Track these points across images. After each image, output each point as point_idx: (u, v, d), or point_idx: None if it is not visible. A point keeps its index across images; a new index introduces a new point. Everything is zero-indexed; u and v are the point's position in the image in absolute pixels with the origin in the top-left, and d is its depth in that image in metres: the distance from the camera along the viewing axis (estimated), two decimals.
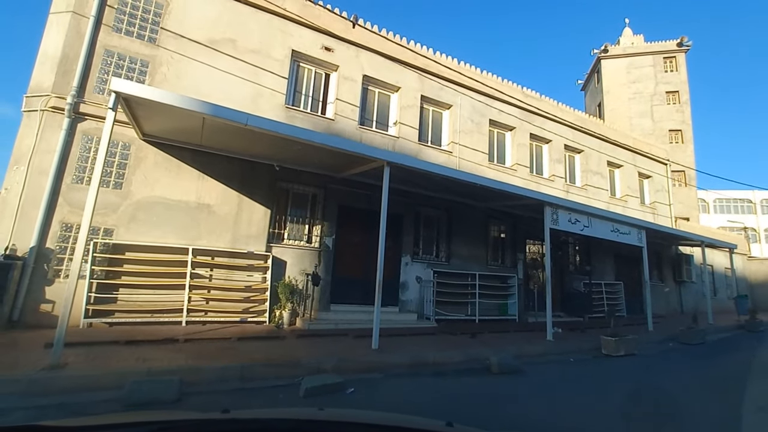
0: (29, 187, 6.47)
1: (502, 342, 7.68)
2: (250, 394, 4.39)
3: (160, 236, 7.17)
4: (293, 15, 9.14)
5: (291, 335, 6.92)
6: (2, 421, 3.32)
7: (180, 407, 3.78)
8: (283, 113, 8.85)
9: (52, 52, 6.97)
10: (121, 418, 1.34)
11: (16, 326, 5.99)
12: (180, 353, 5.27)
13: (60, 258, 6.52)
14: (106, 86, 7.22)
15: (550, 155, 13.66)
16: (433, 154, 10.89)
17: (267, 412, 1.61)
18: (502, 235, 12.26)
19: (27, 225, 6.34)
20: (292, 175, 8.61)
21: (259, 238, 8.08)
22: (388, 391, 4.85)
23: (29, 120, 6.71)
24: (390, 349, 6.33)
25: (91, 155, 6.94)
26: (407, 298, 9.59)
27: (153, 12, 7.82)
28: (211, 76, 8.16)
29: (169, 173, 7.48)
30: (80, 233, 4.62)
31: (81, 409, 3.63)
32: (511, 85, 13.05)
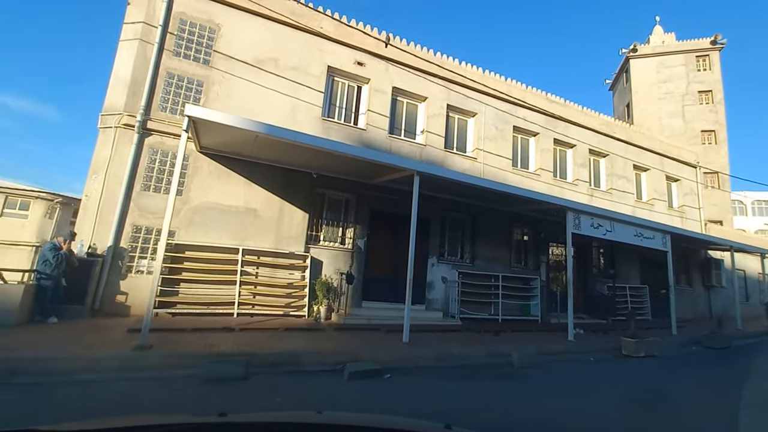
0: (106, 194, 7.47)
1: (523, 340, 8.13)
2: (302, 377, 5.11)
3: (214, 237, 8.06)
4: (329, 34, 9.88)
5: (329, 328, 7.65)
6: (112, 389, 4.16)
7: (247, 384, 4.53)
8: (320, 125, 9.60)
9: (123, 75, 7.97)
10: (118, 422, 1.31)
11: (97, 314, 6.99)
12: (239, 340, 6.07)
13: (131, 256, 7.50)
14: (168, 104, 8.19)
15: (575, 160, 13.87)
16: (459, 161, 11.40)
17: (264, 415, 1.56)
18: (525, 238, 12.62)
19: (104, 227, 7.35)
20: (328, 182, 9.34)
21: (298, 240, 8.86)
22: (419, 379, 5.46)
23: (105, 135, 7.73)
24: (419, 343, 6.93)
25: (156, 166, 7.90)
26: (433, 297, 10.17)
27: (207, 36, 8.74)
28: (256, 92, 9.00)
29: (220, 181, 8.36)
30: (161, 237, 5.46)
31: (171, 383, 4.44)
32: (535, 92, 13.36)
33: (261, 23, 9.28)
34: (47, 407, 3.56)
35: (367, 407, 4.22)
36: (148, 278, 7.49)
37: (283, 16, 9.35)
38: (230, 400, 4.03)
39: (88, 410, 3.54)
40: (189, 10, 8.65)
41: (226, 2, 8.90)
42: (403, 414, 3.86)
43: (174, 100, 8.25)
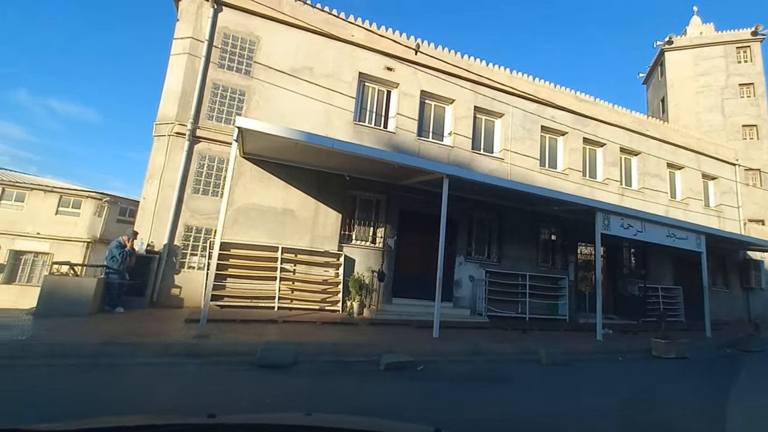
0: (161, 197, 8.21)
1: (551, 339, 8.31)
2: (343, 366, 5.57)
3: (255, 236, 8.68)
4: (360, 42, 10.30)
5: (362, 323, 8.12)
6: (184, 372, 4.75)
7: (296, 370, 5.03)
8: (352, 129, 10.06)
9: (174, 88, 8.69)
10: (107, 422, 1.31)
11: (155, 305, 7.74)
12: (282, 331, 6.63)
13: (184, 253, 8.22)
14: (214, 113, 8.86)
15: (605, 159, 13.73)
16: (486, 162, 11.60)
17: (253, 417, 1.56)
18: (553, 238, 12.66)
19: (160, 227, 8.09)
20: (360, 184, 9.79)
21: (332, 239, 9.37)
22: (449, 371, 5.82)
23: (159, 143, 8.48)
24: (448, 339, 7.27)
25: (204, 170, 8.59)
26: (461, 294, 10.46)
27: (248, 48, 9.35)
28: (293, 99, 9.55)
29: (261, 184, 8.97)
30: (215, 240, 6.04)
31: (230, 367, 4.98)
32: (564, 91, 13.32)
33: (296, 34, 9.81)
34: (139, 385, 4.18)
35: (404, 394, 4.62)
36: (199, 273, 8.21)
37: (317, 26, 9.85)
38: (284, 384, 4.53)
39: (171, 388, 4.13)
40: (232, 25, 9.28)
41: (264, 16, 9.47)
42: (437, 401, 4.27)
43: (219, 109, 8.91)
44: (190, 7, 9.01)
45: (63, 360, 4.52)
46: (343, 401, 4.22)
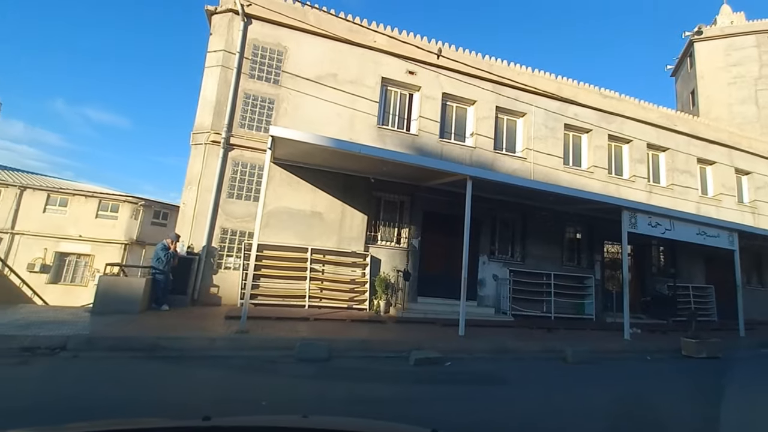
0: (199, 201, 8.73)
1: (577, 338, 8.35)
2: (374, 361, 5.86)
3: (286, 238, 9.09)
4: (382, 47, 10.57)
5: (389, 321, 8.39)
6: (231, 363, 5.14)
7: (331, 364, 5.35)
8: (375, 132, 10.35)
9: (209, 98, 9.20)
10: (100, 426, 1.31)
11: (196, 303, 8.26)
12: (314, 328, 6.98)
13: (220, 254, 8.71)
14: (246, 121, 9.33)
15: (631, 155, 13.51)
16: (508, 161, 11.66)
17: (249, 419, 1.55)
18: (578, 237, 12.58)
19: (199, 230, 8.61)
20: (384, 186, 10.05)
21: (358, 240, 9.69)
22: (476, 367, 6.01)
23: (196, 151, 9.01)
24: (474, 337, 7.45)
25: (238, 176, 9.08)
26: (485, 293, 10.59)
27: (276, 58, 9.78)
28: (319, 105, 9.91)
29: (290, 188, 9.38)
30: (253, 243, 6.45)
31: (272, 360, 5.35)
32: (588, 88, 13.19)
33: (321, 43, 10.17)
34: (193, 375, 4.59)
35: (434, 388, 4.87)
36: (234, 273, 8.69)
37: (341, 34, 10.19)
38: (322, 375, 4.86)
39: (222, 377, 4.53)
40: (261, 36, 9.73)
41: (291, 26, 9.88)
42: (465, 397, 4.48)
43: (251, 117, 9.38)
44: (222, 21, 9.51)
45: (124, 353, 5.00)
46: (380, 393, 4.50)
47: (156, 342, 5.33)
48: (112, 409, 3.30)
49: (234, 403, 3.73)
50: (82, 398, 3.59)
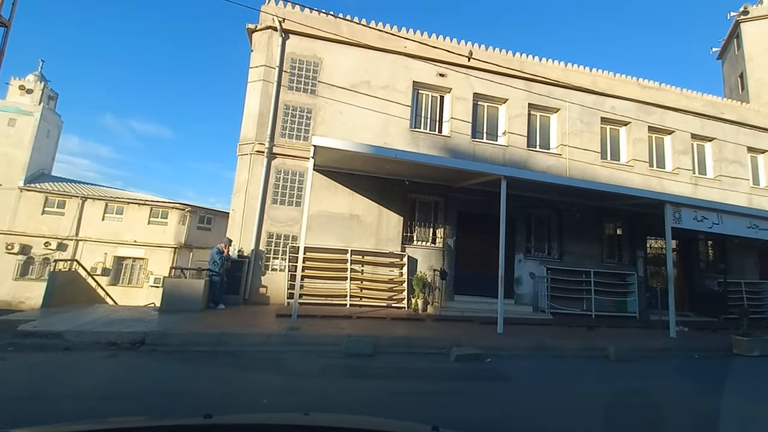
0: (247, 208, 9.38)
1: (619, 336, 8.25)
2: (417, 356, 6.16)
3: (326, 240, 9.57)
4: (413, 52, 10.83)
5: (428, 319, 8.66)
6: (286, 357, 5.62)
7: (376, 359, 5.71)
8: (408, 135, 10.63)
9: (253, 111, 9.84)
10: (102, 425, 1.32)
11: (247, 302, 8.90)
12: (357, 326, 7.37)
13: (267, 257, 9.32)
14: (287, 131, 9.90)
15: (674, 147, 12.99)
16: (542, 159, 11.59)
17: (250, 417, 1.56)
18: (619, 233, 12.28)
19: (247, 234, 9.26)
20: (419, 187, 10.32)
21: (395, 241, 10.02)
22: (516, 364, 6.16)
23: (242, 161, 9.66)
24: (512, 334, 7.58)
25: (281, 183, 9.66)
26: (521, 292, 10.61)
27: (312, 70, 10.29)
28: (353, 112, 10.32)
29: (329, 192, 9.85)
30: (299, 247, 6.94)
31: (322, 355, 5.78)
32: (625, 79, 12.81)
33: (354, 52, 10.58)
34: (256, 367, 5.10)
35: (476, 384, 5.10)
36: (280, 275, 9.27)
37: (372, 43, 10.55)
38: (369, 369, 5.23)
39: (282, 369, 5.00)
40: (298, 50, 10.27)
41: (326, 38, 10.34)
42: (508, 389, 4.68)
43: (291, 127, 9.94)
44: (261, 38, 10.13)
45: (194, 347, 5.59)
46: (425, 387, 4.81)
47: (219, 338, 5.90)
48: (202, 395, 3.83)
49: (294, 395, 4.16)
50: (175, 386, 4.16)
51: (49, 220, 20.29)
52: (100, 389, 4.06)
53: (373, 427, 1.47)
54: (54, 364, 4.77)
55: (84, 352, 5.18)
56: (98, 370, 4.69)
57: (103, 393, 3.94)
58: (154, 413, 3.29)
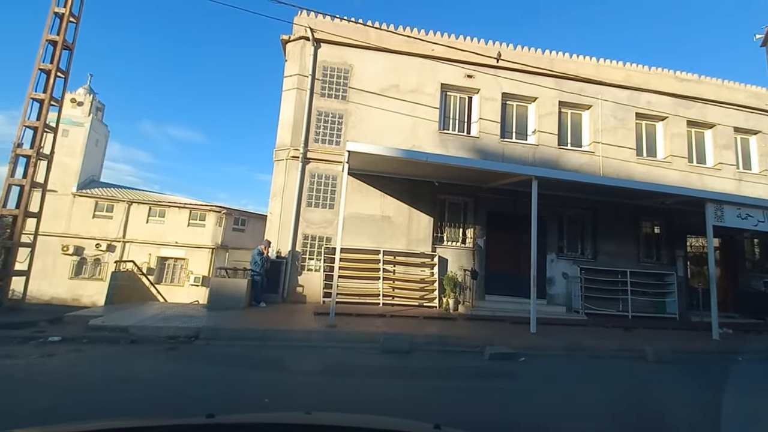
0: (283, 211, 9.85)
1: (658, 337, 8.08)
2: (450, 354, 6.34)
3: (359, 241, 9.89)
4: (441, 54, 10.97)
5: (459, 318, 8.81)
6: (328, 353, 5.95)
7: (412, 356, 5.94)
8: (437, 138, 10.79)
9: (287, 118, 10.30)
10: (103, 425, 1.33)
11: (285, 301, 9.37)
12: (391, 324, 7.63)
13: (303, 257, 9.76)
14: (320, 137, 10.29)
15: (715, 142, 12.45)
16: (574, 157, 11.43)
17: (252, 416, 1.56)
18: (656, 231, 11.92)
19: (285, 236, 9.72)
20: (448, 188, 10.46)
21: (425, 241, 10.22)
22: (551, 363, 6.22)
23: (278, 166, 10.14)
24: (546, 334, 7.60)
25: (315, 186, 10.07)
26: (554, 292, 10.54)
27: (343, 76, 10.64)
28: (383, 116, 10.59)
29: (360, 194, 10.16)
30: (337, 245, 7.27)
31: (360, 351, 6.07)
32: (660, 72, 12.41)
33: (382, 57, 10.84)
34: (302, 359, 5.47)
35: (511, 381, 5.23)
36: (315, 275, 9.68)
37: (400, 48, 10.79)
38: (406, 365, 5.48)
39: (328, 363, 5.34)
40: (329, 58, 10.65)
41: (355, 45, 10.67)
42: (542, 388, 4.79)
43: (323, 132, 10.33)
44: (295, 48, 10.59)
45: (243, 341, 6.04)
46: (461, 384, 5.00)
47: (265, 333, 6.32)
48: (256, 382, 4.20)
49: (340, 387, 4.47)
50: (232, 375, 4.57)
51: (99, 224, 21.81)
52: (175, 375, 4.57)
53: (375, 425, 1.45)
54: (126, 354, 5.32)
55: (148, 344, 5.72)
56: (165, 359, 5.19)
57: (179, 378, 4.44)
58: (224, 397, 3.68)
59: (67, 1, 7.87)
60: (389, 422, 1.54)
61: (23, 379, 4.10)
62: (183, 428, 1.32)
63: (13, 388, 3.89)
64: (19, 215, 7.13)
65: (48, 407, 3.39)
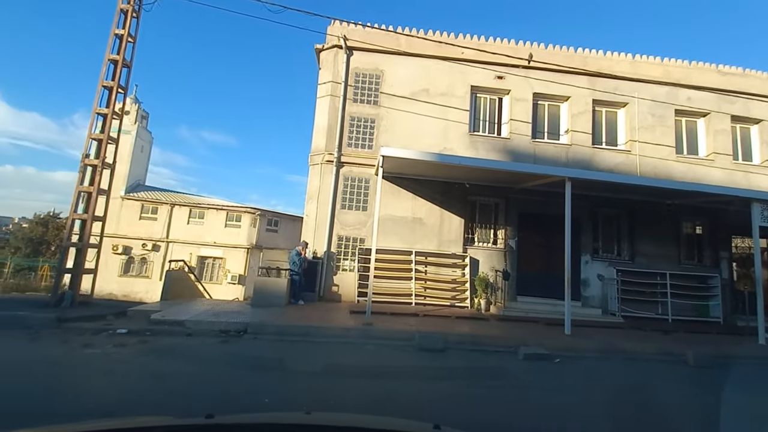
0: (319, 213, 10.29)
1: (699, 341, 7.86)
2: (484, 354, 6.49)
3: (391, 242, 10.18)
4: (471, 57, 11.07)
5: (491, 319, 8.91)
6: (365, 349, 6.26)
7: (447, 355, 6.15)
8: (467, 140, 10.91)
9: (322, 124, 10.74)
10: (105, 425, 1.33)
11: (321, 300, 9.80)
12: (424, 323, 7.86)
13: (338, 258, 10.16)
14: (353, 141, 10.67)
15: (762, 138, 11.84)
16: (609, 156, 11.22)
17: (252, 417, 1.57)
18: (698, 232, 11.50)
19: (320, 238, 10.16)
20: (479, 190, 10.55)
21: (457, 242, 10.37)
22: (587, 365, 6.24)
23: (313, 170, 10.60)
24: (581, 336, 7.59)
25: (348, 189, 10.46)
26: (589, 294, 10.41)
27: (374, 82, 10.96)
28: (413, 120, 10.83)
29: (392, 197, 10.44)
30: (372, 246, 7.57)
31: (396, 348, 6.34)
32: (702, 67, 11.94)
33: (413, 62, 11.08)
34: (343, 355, 5.82)
35: (548, 381, 5.34)
36: (350, 274, 10.06)
37: (430, 52, 10.98)
38: (442, 362, 5.70)
39: (366, 359, 5.65)
40: (361, 64, 11.00)
41: (386, 51, 10.96)
42: (587, 387, 4.87)
43: (356, 137, 10.70)
44: (328, 56, 11.01)
45: (287, 337, 6.46)
46: (497, 382, 5.17)
47: (307, 329, 6.73)
48: (304, 373, 4.57)
49: (383, 378, 4.77)
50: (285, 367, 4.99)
51: (144, 225, 23.27)
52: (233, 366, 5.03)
53: (374, 425, 1.46)
54: (186, 346, 5.85)
55: (203, 337, 6.25)
56: (221, 351, 5.68)
57: (238, 369, 4.91)
58: (282, 387, 4.06)
59: (125, 23, 8.63)
60: (388, 422, 1.54)
61: (105, 367, 4.66)
62: (182, 428, 1.32)
63: (100, 374, 4.45)
64: (88, 219, 7.93)
65: (129, 391, 3.89)
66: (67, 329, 6.32)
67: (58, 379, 4.14)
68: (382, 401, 3.93)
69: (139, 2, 8.97)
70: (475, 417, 3.70)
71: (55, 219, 31.96)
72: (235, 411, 3.27)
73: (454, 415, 3.68)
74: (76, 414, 3.15)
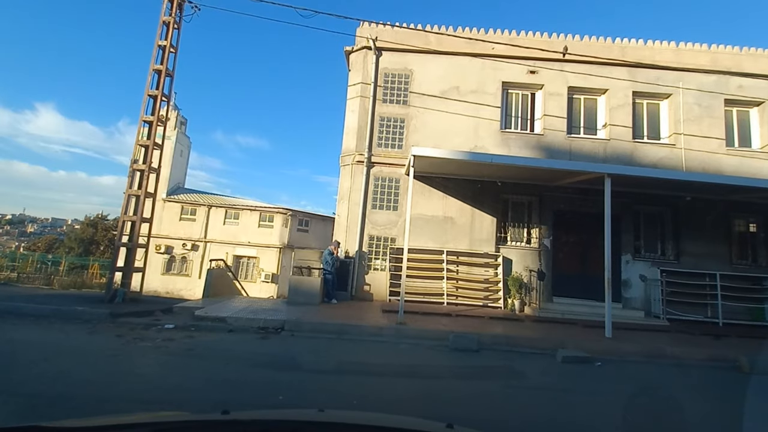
0: (350, 213, 10.44)
1: (754, 347, 7.35)
2: (520, 356, 6.36)
3: (423, 242, 10.17)
4: (502, 53, 10.84)
5: (526, 320, 8.72)
6: (399, 349, 6.31)
7: (480, 355, 6.09)
8: (499, 137, 10.70)
9: (352, 125, 10.87)
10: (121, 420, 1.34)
11: (354, 298, 9.94)
12: (457, 323, 7.81)
13: (369, 257, 10.27)
14: (383, 141, 10.73)
15: None
16: (651, 151, 10.67)
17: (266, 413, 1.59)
18: (752, 229, 10.72)
19: (352, 237, 10.30)
20: (511, 188, 10.34)
21: (489, 242, 10.21)
22: (630, 370, 5.97)
23: (344, 171, 10.76)
24: (622, 339, 7.28)
25: (379, 189, 10.54)
26: (630, 295, 9.95)
27: (404, 82, 10.98)
28: (444, 118, 10.75)
29: (423, 196, 10.43)
30: (404, 246, 7.60)
31: (429, 348, 6.34)
32: (754, 53, 11.11)
33: (443, 60, 11.00)
34: (377, 352, 5.90)
35: (591, 386, 5.16)
36: (381, 274, 10.14)
37: (460, 49, 10.86)
38: (477, 363, 5.65)
39: (400, 358, 5.71)
40: (390, 65, 11.05)
41: (415, 51, 10.94)
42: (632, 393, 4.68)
43: (386, 137, 10.76)
44: (357, 58, 11.13)
45: (323, 334, 6.62)
46: (536, 383, 5.07)
47: (341, 327, 6.86)
48: (353, 373, 4.68)
49: (419, 378, 4.79)
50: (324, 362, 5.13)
51: (184, 225, 24.43)
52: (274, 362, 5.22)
53: (387, 423, 1.44)
54: (228, 341, 6.13)
55: (244, 333, 6.51)
56: (261, 346, 5.91)
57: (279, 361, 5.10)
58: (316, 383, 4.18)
59: (168, 35, 9.11)
60: (400, 421, 1.54)
61: (158, 359, 4.97)
62: (198, 424, 1.33)
63: (154, 365, 4.76)
64: (137, 220, 8.46)
65: (181, 381, 4.13)
66: (120, 324, 6.77)
67: (119, 370, 4.46)
68: (419, 399, 3.96)
69: (180, 14, 9.44)
70: (514, 420, 3.66)
71: (103, 220, 34.17)
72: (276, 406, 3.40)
73: (491, 417, 3.65)
74: (134, 400, 3.40)
